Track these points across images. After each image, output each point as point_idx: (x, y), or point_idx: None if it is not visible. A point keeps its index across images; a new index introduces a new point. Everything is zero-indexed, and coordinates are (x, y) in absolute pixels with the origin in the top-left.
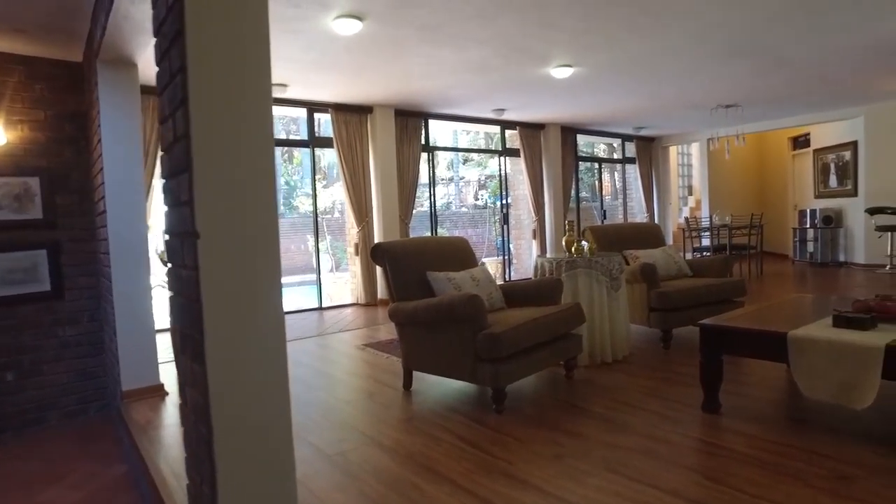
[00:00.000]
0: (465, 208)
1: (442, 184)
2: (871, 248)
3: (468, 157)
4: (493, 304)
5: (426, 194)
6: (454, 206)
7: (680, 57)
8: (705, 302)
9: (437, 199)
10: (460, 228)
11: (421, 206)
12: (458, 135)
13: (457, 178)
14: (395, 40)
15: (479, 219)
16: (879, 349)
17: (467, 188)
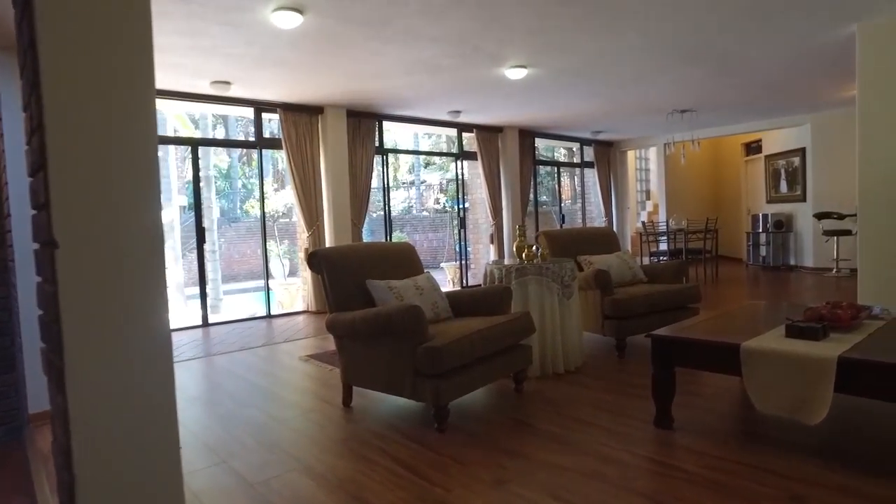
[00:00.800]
0: (426, 212)
1: (403, 188)
2: (819, 252)
3: (430, 161)
4: (438, 315)
5: (386, 198)
6: (415, 209)
7: (635, 60)
8: (660, 309)
9: (398, 203)
10: (420, 232)
11: (380, 210)
12: (418, 138)
13: (418, 182)
14: (341, 36)
15: (440, 223)
16: (832, 361)
17: (428, 192)
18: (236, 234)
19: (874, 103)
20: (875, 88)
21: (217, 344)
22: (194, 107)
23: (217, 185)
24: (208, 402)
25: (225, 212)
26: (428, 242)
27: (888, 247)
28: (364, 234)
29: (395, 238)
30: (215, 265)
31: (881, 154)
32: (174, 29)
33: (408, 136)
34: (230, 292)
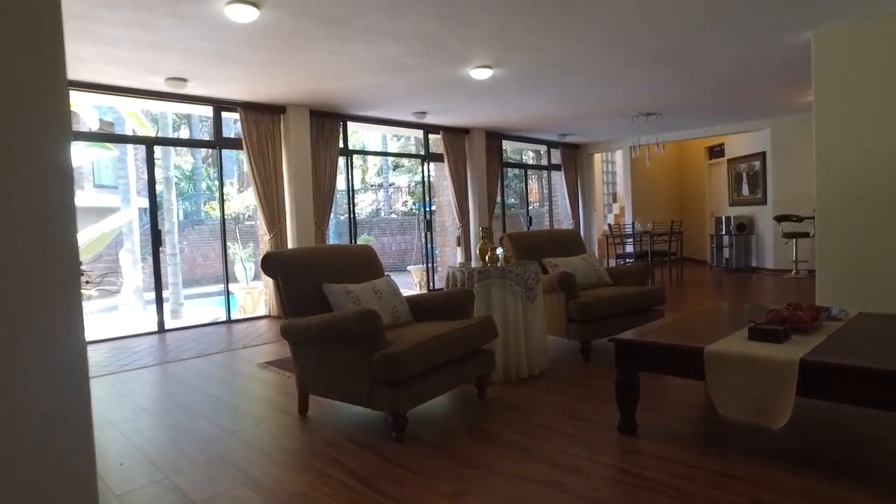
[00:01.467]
0: (395, 215)
1: (371, 190)
2: (779, 254)
3: (399, 163)
4: (397, 319)
5: (354, 200)
6: (384, 212)
7: (599, 62)
8: (625, 311)
9: (366, 206)
10: (389, 235)
11: (348, 212)
12: (387, 140)
13: (386, 185)
14: (300, 32)
15: (408, 225)
16: (793, 364)
17: (397, 194)
18: (200, 237)
19: (830, 109)
20: (830, 95)
21: (172, 351)
22: (152, 105)
23: (181, 187)
24: (156, 413)
25: (188, 214)
26: (396, 245)
27: (845, 249)
28: (331, 237)
29: (363, 240)
30: (176, 269)
31: (837, 159)
32: (121, 20)
33: (376, 137)
34: (194, 297)
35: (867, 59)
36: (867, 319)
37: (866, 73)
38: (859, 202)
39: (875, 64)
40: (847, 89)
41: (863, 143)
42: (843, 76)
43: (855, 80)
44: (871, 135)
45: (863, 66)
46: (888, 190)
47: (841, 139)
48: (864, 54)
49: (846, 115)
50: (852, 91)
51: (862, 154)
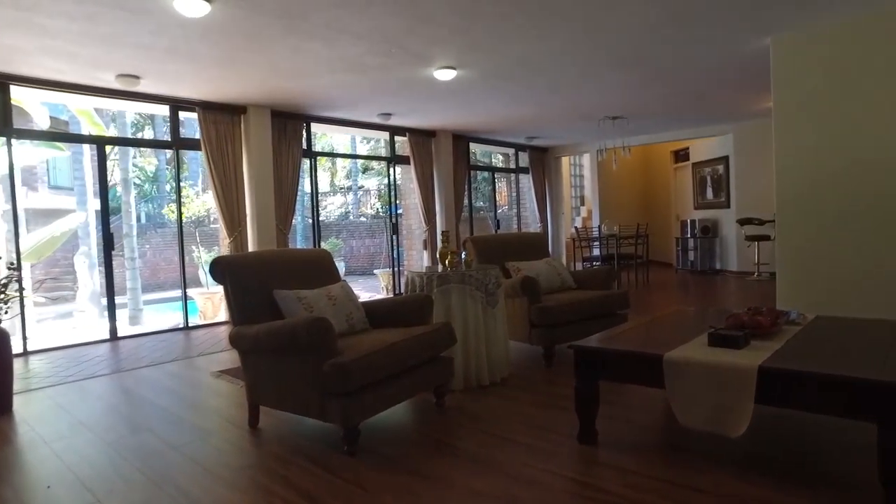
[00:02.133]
0: (364, 218)
1: (341, 193)
2: (742, 257)
3: (368, 166)
4: (353, 326)
5: (323, 203)
6: (353, 215)
7: (564, 64)
8: (589, 316)
9: (335, 209)
10: (358, 238)
11: (318, 215)
12: (356, 142)
13: (355, 188)
14: (256, 29)
15: (377, 229)
16: (752, 371)
17: (366, 197)
18: (163, 241)
19: (788, 114)
20: (789, 100)
21: (124, 360)
22: (104, 103)
23: (144, 189)
24: (96, 428)
25: (151, 217)
26: (365, 249)
27: (803, 252)
28: (298, 240)
29: (331, 244)
30: (135, 273)
31: (795, 163)
32: (63, 11)
33: (345, 140)
34: (156, 302)
35: (824, 65)
36: (824, 323)
37: (823, 79)
38: (816, 206)
39: (832, 69)
40: (805, 95)
41: (820, 149)
42: (801, 82)
43: (812, 85)
44: (828, 140)
45: (820, 72)
46: (843, 195)
47: (799, 144)
48: (821, 60)
49: (804, 120)
50: (810, 96)
51: (819, 159)
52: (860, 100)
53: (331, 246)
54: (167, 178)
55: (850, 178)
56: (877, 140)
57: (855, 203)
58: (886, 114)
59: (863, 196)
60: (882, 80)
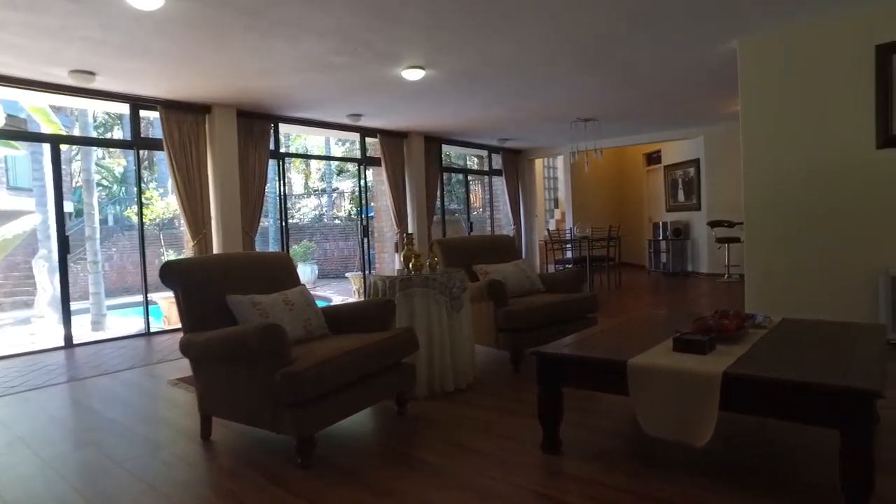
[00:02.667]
0: (339, 220)
1: (315, 195)
2: (712, 259)
3: (343, 168)
4: (311, 333)
5: (297, 205)
6: (326, 217)
7: (534, 65)
8: (557, 319)
9: (309, 211)
10: (332, 241)
11: (291, 217)
12: (330, 144)
13: (329, 190)
14: (214, 24)
15: (351, 231)
16: (716, 377)
17: (341, 200)
18: (131, 244)
19: (756, 117)
20: (756, 103)
21: (77, 368)
22: (59, 100)
23: (112, 190)
24: (36, 443)
25: (119, 219)
26: (339, 251)
27: (771, 254)
28: (270, 244)
29: (303, 246)
30: (98, 277)
31: (763, 167)
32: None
33: (319, 141)
34: (123, 307)
35: (791, 68)
36: (790, 325)
37: (790, 82)
38: (784, 209)
39: (798, 73)
40: (772, 98)
41: (787, 152)
42: (768, 85)
43: (779, 88)
44: (795, 143)
45: (787, 75)
46: (810, 198)
47: (766, 147)
48: (788, 63)
49: (771, 123)
50: (777, 100)
51: (786, 163)
52: (826, 103)
53: (303, 249)
54: (135, 181)
55: (818, 181)
56: (843, 143)
57: (822, 206)
58: (851, 117)
59: (829, 199)
60: (847, 84)
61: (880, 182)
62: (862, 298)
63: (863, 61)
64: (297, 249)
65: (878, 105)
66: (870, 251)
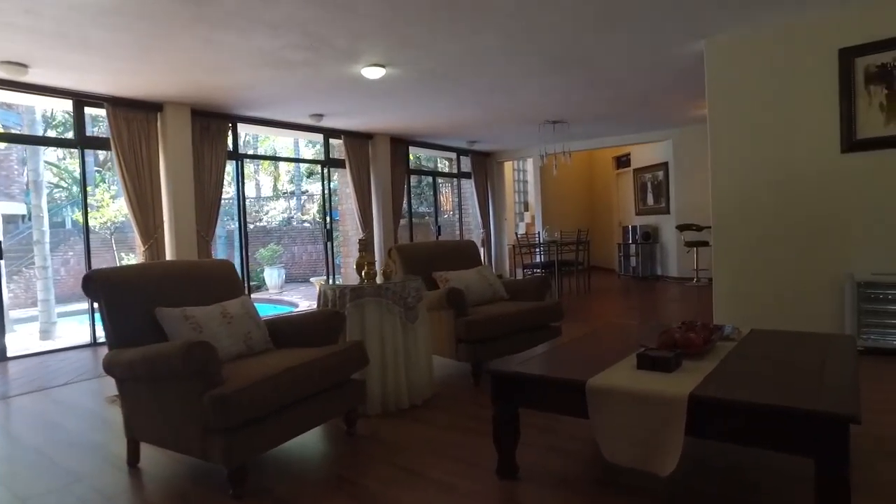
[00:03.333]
0: (308, 223)
1: (284, 198)
2: (682, 262)
3: (313, 170)
4: (251, 348)
5: (266, 208)
6: (296, 221)
7: (499, 64)
8: (520, 329)
9: (277, 214)
10: (300, 244)
11: (259, 220)
12: (300, 145)
13: (298, 192)
14: (157, 13)
15: (320, 234)
16: (681, 401)
17: (310, 202)
18: (101, 244)
19: (723, 120)
20: (723, 106)
21: (9, 384)
22: None
23: (72, 192)
24: None
25: (76, 223)
26: (307, 255)
27: (739, 260)
28: (235, 248)
29: (270, 250)
30: (47, 283)
31: (730, 170)
32: None
33: (288, 143)
34: (78, 313)
35: (757, 71)
36: (759, 337)
37: (757, 85)
38: (751, 214)
39: (764, 75)
40: (738, 100)
41: (754, 156)
42: (734, 87)
43: (746, 91)
44: (761, 147)
45: (753, 78)
46: (777, 202)
47: (733, 150)
48: (754, 65)
49: (738, 126)
50: (743, 102)
51: (753, 166)
52: (792, 107)
53: (270, 252)
54: (97, 181)
55: (784, 185)
56: (809, 147)
57: (788, 211)
58: (817, 121)
59: (796, 204)
60: (812, 87)
61: (845, 187)
62: (828, 304)
63: (827, 65)
64: (263, 253)
65: (841, 109)
66: (836, 256)
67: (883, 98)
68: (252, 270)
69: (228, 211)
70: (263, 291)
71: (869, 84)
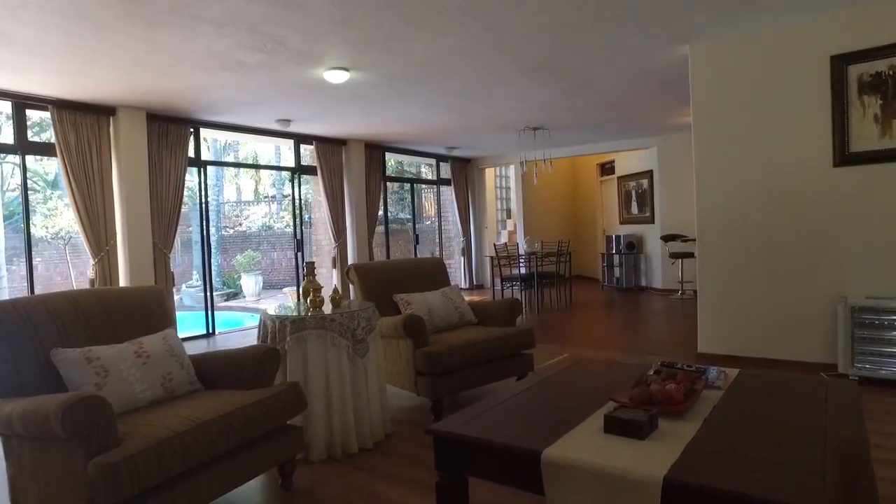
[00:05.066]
0: (289, 228)
1: (265, 202)
2: (666, 274)
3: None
4: (171, 391)
5: (246, 213)
6: (277, 226)
7: (473, 67)
8: (486, 359)
9: (258, 219)
10: (279, 250)
11: (239, 225)
12: (280, 151)
13: (280, 197)
14: (88, 10)
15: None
16: (654, 486)
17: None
18: (58, 255)
19: (708, 129)
20: (709, 114)
21: None
22: None
23: (46, 195)
24: None
25: (42, 230)
26: (287, 261)
27: (726, 277)
28: (214, 255)
29: (247, 257)
30: (1, 294)
31: (715, 180)
32: None
33: (269, 148)
34: None
35: (744, 78)
36: (748, 384)
37: (744, 93)
38: (738, 228)
39: (752, 83)
40: (724, 109)
41: (741, 166)
42: (720, 94)
43: (732, 99)
44: (748, 158)
45: (740, 85)
46: (765, 217)
47: (719, 161)
48: (741, 72)
49: (724, 136)
50: (730, 111)
51: (739, 178)
52: (781, 116)
53: (247, 259)
54: (21, 188)
55: (773, 199)
56: (799, 160)
57: (777, 226)
58: (807, 132)
59: (785, 219)
60: (802, 97)
61: (838, 203)
62: (820, 329)
63: (818, 73)
64: (240, 260)
65: (833, 120)
66: (828, 278)
67: (878, 109)
68: (229, 277)
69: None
70: (241, 299)
71: (862, 94)
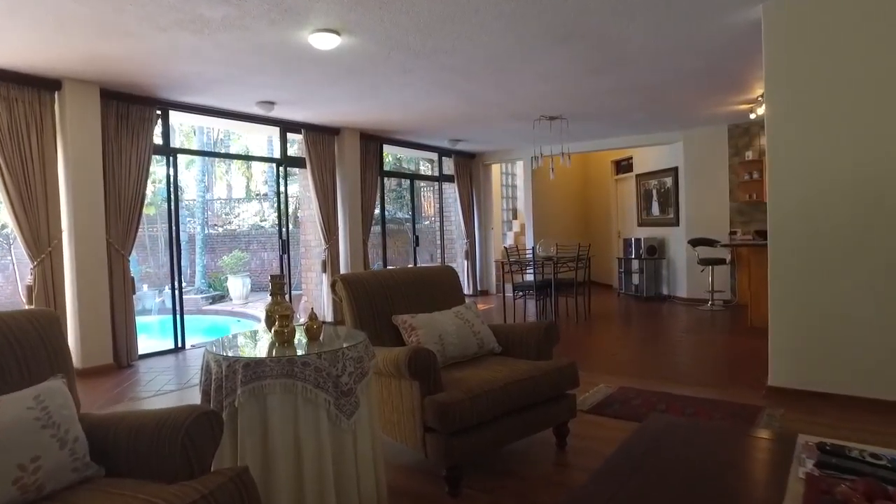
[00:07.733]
0: (283, 226)
1: (257, 199)
2: (692, 282)
3: (291, 171)
4: (40, 489)
5: (236, 210)
6: (269, 224)
7: (491, 34)
8: (520, 406)
9: (249, 217)
10: (271, 250)
11: (229, 223)
12: (273, 143)
13: (272, 194)
14: None
15: (294, 240)
16: None
17: (287, 205)
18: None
19: (785, 106)
20: (786, 86)
21: None
22: None
23: None
24: None
25: None
26: (279, 262)
27: (807, 295)
28: (198, 253)
29: (235, 257)
30: None
31: (796, 172)
32: None
33: (263, 144)
34: None
35: (834, 42)
36: None
37: (836, 57)
38: (822, 228)
39: (844, 48)
40: (810, 79)
41: (830, 153)
42: (802, 63)
43: (818, 67)
44: (841, 140)
45: (831, 47)
46: (857, 213)
47: (801, 146)
48: (830, 35)
49: (809, 113)
50: (817, 81)
51: (828, 167)
52: (879, 88)
53: (234, 260)
54: None
55: (873, 194)
56: None
57: (874, 222)
58: None
59: (886, 217)
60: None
61: None
62: None
63: None
64: (226, 260)
65: None
66: None
67: None
68: (216, 279)
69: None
70: (227, 303)
71: None
